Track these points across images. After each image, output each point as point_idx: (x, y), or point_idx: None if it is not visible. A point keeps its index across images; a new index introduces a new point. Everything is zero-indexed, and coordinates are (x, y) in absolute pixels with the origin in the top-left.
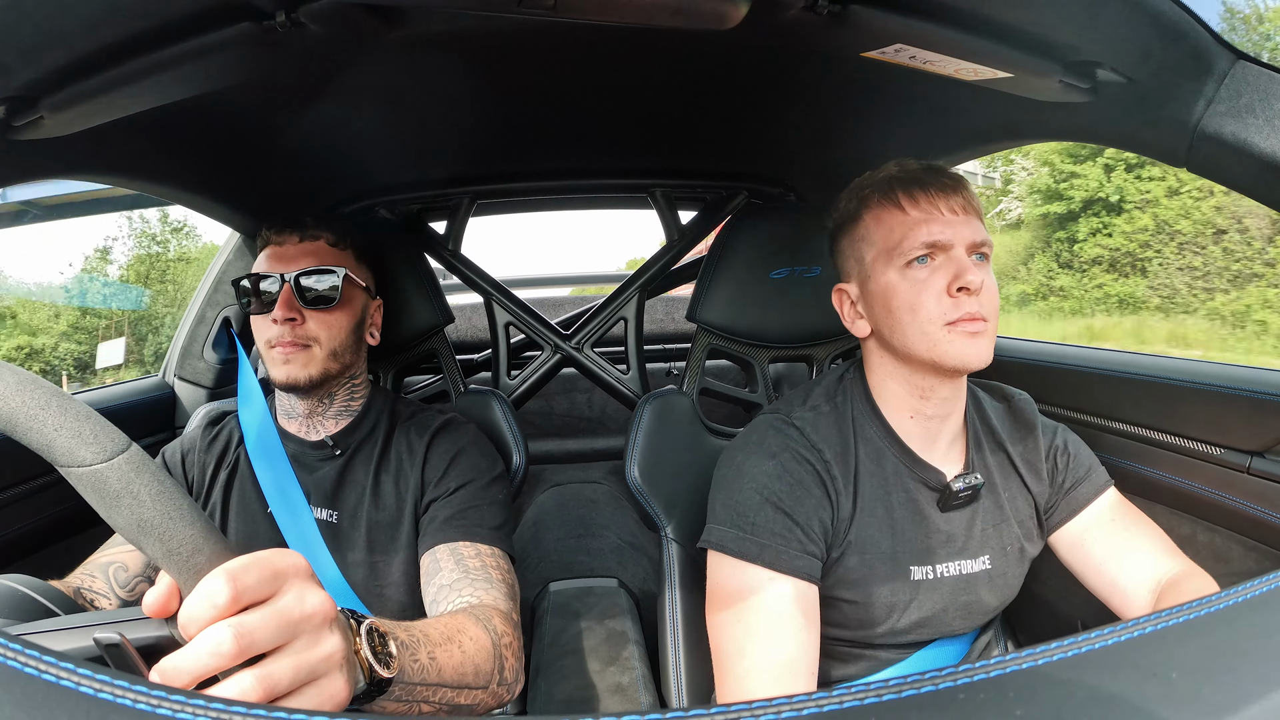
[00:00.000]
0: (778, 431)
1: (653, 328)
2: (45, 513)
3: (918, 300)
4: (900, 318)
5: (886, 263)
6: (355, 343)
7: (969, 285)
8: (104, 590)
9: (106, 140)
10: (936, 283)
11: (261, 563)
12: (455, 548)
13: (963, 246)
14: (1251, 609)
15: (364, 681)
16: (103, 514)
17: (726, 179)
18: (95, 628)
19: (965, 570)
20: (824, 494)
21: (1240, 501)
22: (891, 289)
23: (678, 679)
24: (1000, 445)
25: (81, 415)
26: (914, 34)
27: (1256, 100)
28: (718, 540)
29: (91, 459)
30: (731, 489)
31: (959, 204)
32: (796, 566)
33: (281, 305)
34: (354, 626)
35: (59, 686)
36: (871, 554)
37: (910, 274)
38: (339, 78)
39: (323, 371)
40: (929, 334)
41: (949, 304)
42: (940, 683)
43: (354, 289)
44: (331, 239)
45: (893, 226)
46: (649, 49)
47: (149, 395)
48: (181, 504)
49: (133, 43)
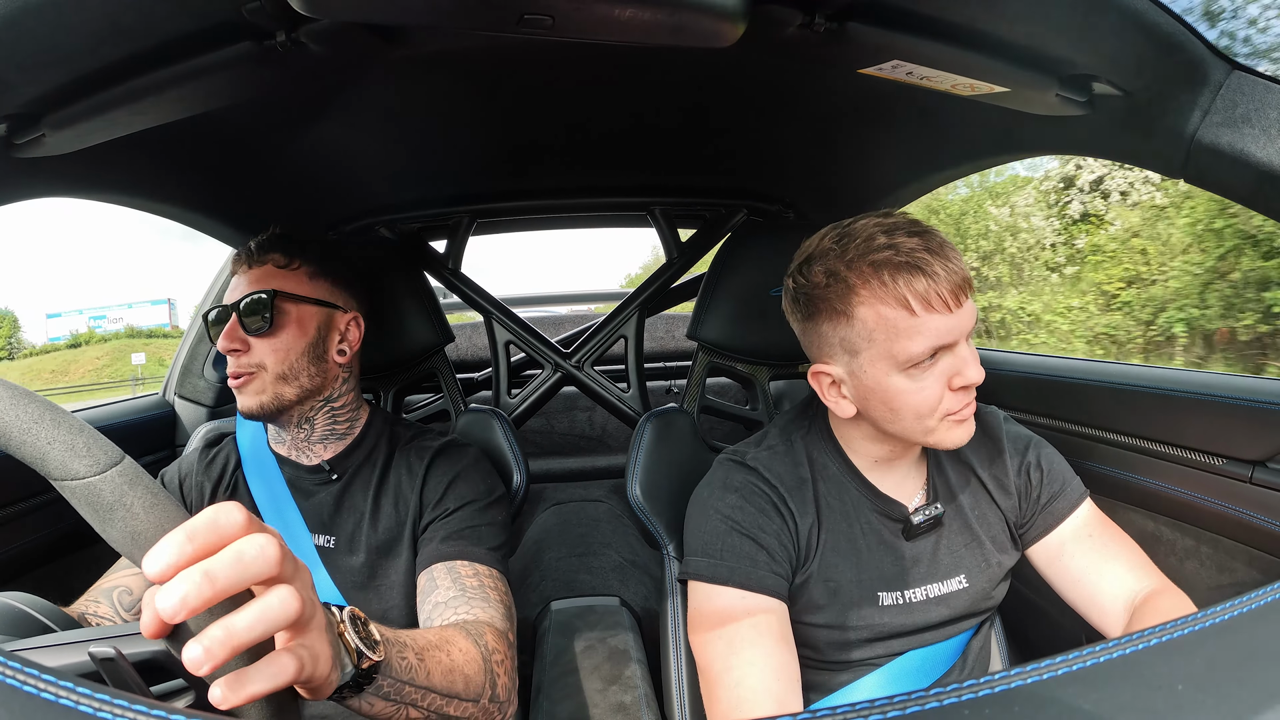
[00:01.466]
0: (736, 469)
1: (653, 345)
2: (45, 530)
3: (921, 402)
4: (902, 415)
5: (889, 365)
6: (312, 363)
7: (971, 382)
8: (109, 615)
9: (107, 159)
10: (940, 382)
11: (211, 517)
12: (453, 566)
13: (964, 339)
14: (1256, 619)
15: (351, 667)
16: (96, 527)
17: (725, 196)
18: (91, 643)
19: (938, 592)
20: (783, 523)
21: (1243, 511)
22: (893, 391)
23: (680, 697)
24: (967, 466)
25: (75, 428)
26: (911, 50)
27: (1253, 110)
28: (694, 570)
29: (85, 472)
30: (699, 523)
31: (963, 291)
32: (766, 585)
33: (224, 336)
34: (335, 613)
35: (57, 704)
36: (836, 581)
37: (915, 373)
38: (339, 97)
39: (274, 397)
40: (925, 424)
41: (950, 399)
42: (945, 699)
43: (301, 308)
44: (280, 260)
45: (898, 330)
46: (647, 67)
47: (149, 414)
48: (176, 516)
49: (134, 62)
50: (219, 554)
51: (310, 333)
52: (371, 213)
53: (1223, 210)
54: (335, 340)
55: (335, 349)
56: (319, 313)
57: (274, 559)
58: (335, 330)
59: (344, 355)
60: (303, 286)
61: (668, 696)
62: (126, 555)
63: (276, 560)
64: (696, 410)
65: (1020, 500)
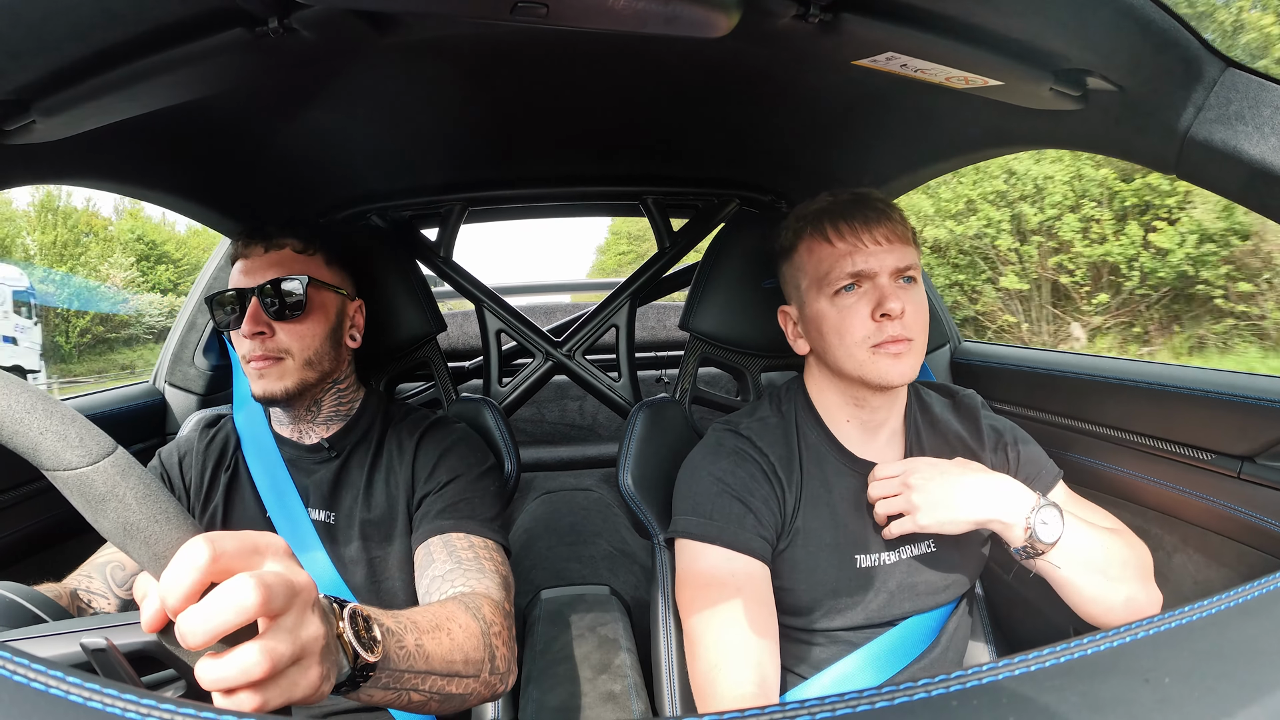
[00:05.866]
0: (729, 436)
1: (644, 335)
2: (37, 518)
3: (844, 326)
4: (830, 341)
5: (818, 291)
6: (332, 349)
7: (890, 312)
8: (101, 590)
9: (98, 145)
10: (861, 309)
11: (240, 534)
12: (448, 539)
13: (886, 274)
14: (1243, 614)
15: (348, 666)
16: (89, 517)
17: (718, 186)
18: (83, 633)
19: (910, 554)
20: (771, 489)
21: (1231, 506)
22: (822, 315)
23: (670, 686)
24: (943, 439)
25: (67, 418)
26: (905, 42)
27: (1246, 107)
28: (682, 528)
29: (77, 462)
30: (691, 484)
31: (883, 234)
32: (752, 547)
33: (249, 320)
34: (337, 610)
35: (46, 694)
36: (815, 545)
37: (838, 301)
38: (331, 84)
39: (299, 382)
40: (855, 356)
41: (873, 328)
42: (933, 689)
43: (324, 294)
44: (298, 245)
45: (821, 258)
46: (641, 57)
47: (139, 401)
48: (168, 507)
49: (125, 48)
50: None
51: (332, 319)
52: (363, 200)
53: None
54: (348, 326)
55: (348, 334)
56: (337, 299)
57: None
58: (348, 316)
59: (355, 341)
60: (324, 272)
61: (657, 685)
62: (119, 546)
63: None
64: (688, 401)
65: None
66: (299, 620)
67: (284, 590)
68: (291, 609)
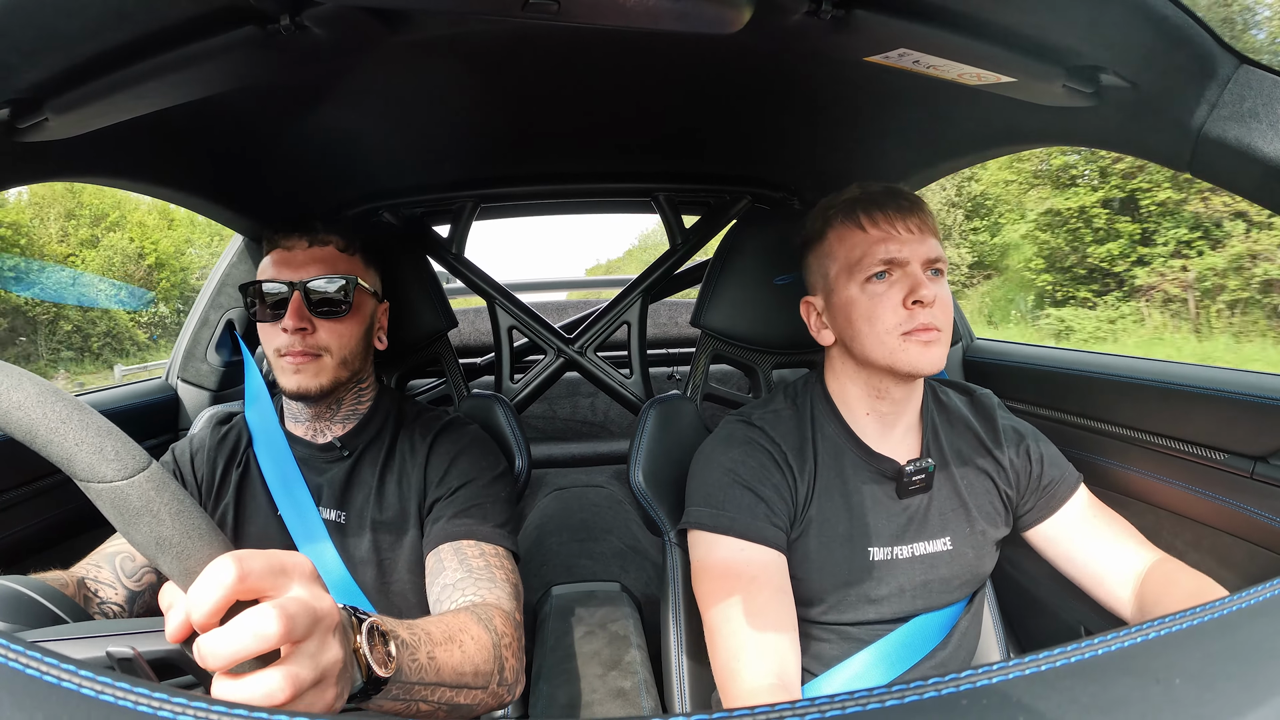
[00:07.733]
0: (741, 427)
1: (656, 332)
2: (48, 513)
3: (875, 312)
4: (860, 328)
5: (848, 278)
6: (365, 349)
7: (923, 299)
8: (109, 580)
9: (111, 143)
10: (893, 296)
11: (268, 554)
12: (459, 546)
13: (918, 263)
14: (1255, 615)
15: (361, 680)
16: (120, 530)
17: (730, 183)
18: (109, 639)
19: (924, 550)
20: (784, 479)
21: (1244, 507)
22: (852, 302)
23: (680, 683)
24: (961, 435)
25: (103, 431)
26: (917, 38)
27: (1260, 105)
28: (695, 519)
29: (113, 476)
30: (704, 475)
31: (915, 224)
32: (766, 536)
33: (292, 315)
34: (355, 624)
35: (60, 688)
36: (828, 535)
37: (869, 288)
38: (343, 81)
39: (333, 380)
40: (886, 343)
41: (904, 315)
42: (943, 688)
43: (364, 296)
44: (341, 244)
45: (854, 244)
46: (653, 53)
47: (153, 397)
48: (200, 523)
49: (137, 46)
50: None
51: (367, 320)
52: (375, 197)
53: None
54: (377, 328)
55: (377, 336)
56: (373, 301)
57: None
58: (377, 317)
59: (382, 343)
60: (363, 273)
61: (667, 682)
62: (149, 558)
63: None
64: (700, 398)
65: (1019, 480)
66: (320, 646)
67: (307, 618)
68: (313, 635)
